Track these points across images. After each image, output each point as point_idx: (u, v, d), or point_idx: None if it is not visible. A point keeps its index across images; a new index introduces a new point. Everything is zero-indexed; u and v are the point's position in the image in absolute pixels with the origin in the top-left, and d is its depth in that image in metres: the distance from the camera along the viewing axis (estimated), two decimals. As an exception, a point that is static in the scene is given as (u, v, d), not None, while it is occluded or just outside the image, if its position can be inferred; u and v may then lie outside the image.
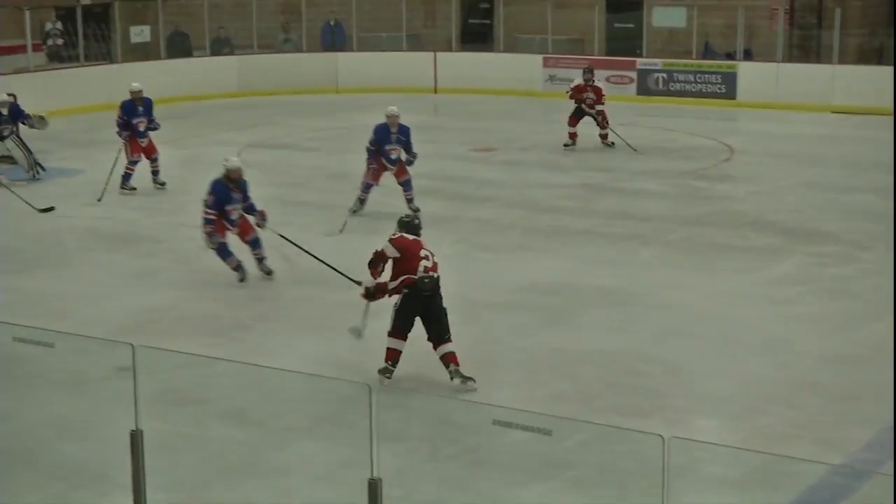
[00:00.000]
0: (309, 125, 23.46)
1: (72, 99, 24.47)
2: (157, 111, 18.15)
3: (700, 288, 13.08)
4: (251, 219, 13.50)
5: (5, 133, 18.60)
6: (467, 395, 10.02)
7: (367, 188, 16.28)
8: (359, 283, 10.76)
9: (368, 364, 10.45)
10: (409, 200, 16.20)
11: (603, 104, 20.71)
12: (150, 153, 17.89)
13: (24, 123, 18.82)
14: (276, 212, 16.39)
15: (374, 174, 16.20)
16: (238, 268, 13.41)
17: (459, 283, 11.78)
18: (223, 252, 13.39)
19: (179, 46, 28.13)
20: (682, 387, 10.35)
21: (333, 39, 28.74)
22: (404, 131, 16.16)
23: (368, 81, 27.38)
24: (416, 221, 10.80)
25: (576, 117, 20.77)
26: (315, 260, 12.94)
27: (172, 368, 9.78)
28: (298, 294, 13.03)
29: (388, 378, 10.30)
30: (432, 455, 9.02)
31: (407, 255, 10.37)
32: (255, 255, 13.54)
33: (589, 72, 21.03)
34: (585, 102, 20.70)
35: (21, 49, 25.60)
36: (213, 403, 9.79)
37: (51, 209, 16.37)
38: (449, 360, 10.26)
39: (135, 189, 17.64)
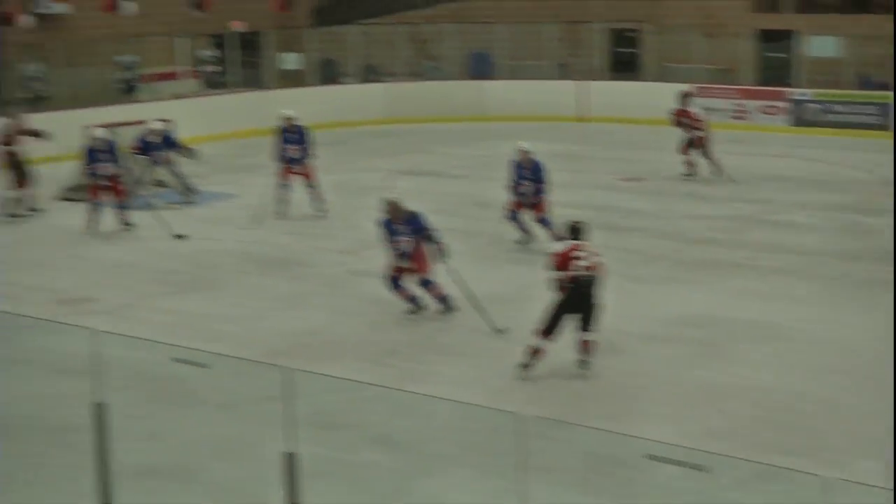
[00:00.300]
0: (455, 152, 23.55)
1: (225, 124, 24.95)
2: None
3: (856, 324, 12.77)
4: (429, 250, 13.06)
5: (158, 160, 19.01)
6: (618, 427, 9.90)
7: (511, 217, 16.21)
8: (500, 331, 10.95)
9: (517, 393, 10.40)
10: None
11: (700, 130, 20.53)
12: (307, 179, 18.09)
13: (175, 152, 19.21)
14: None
15: (514, 205, 16.12)
16: (411, 300, 13.25)
17: (608, 314, 11.68)
18: (394, 286, 13.28)
19: (329, 73, 28.52)
20: (839, 426, 10.09)
21: (480, 68, 28.85)
22: (535, 169, 16.01)
23: (514, 109, 27.42)
24: (582, 225, 11.45)
25: (686, 144, 20.72)
26: (466, 290, 12.92)
27: (323, 392, 9.84)
28: (448, 320, 13.02)
29: (526, 371, 10.91)
30: (583, 488, 8.92)
31: (562, 260, 11.09)
32: (429, 294, 13.20)
33: (686, 96, 21.05)
34: (684, 127, 20.71)
35: (177, 76, 26.24)
36: (363, 428, 9.82)
37: (184, 237, 16.59)
38: (584, 346, 11.08)
39: (286, 214, 17.87)
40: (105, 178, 17.17)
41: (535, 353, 11.01)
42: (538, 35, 28.85)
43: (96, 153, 17.29)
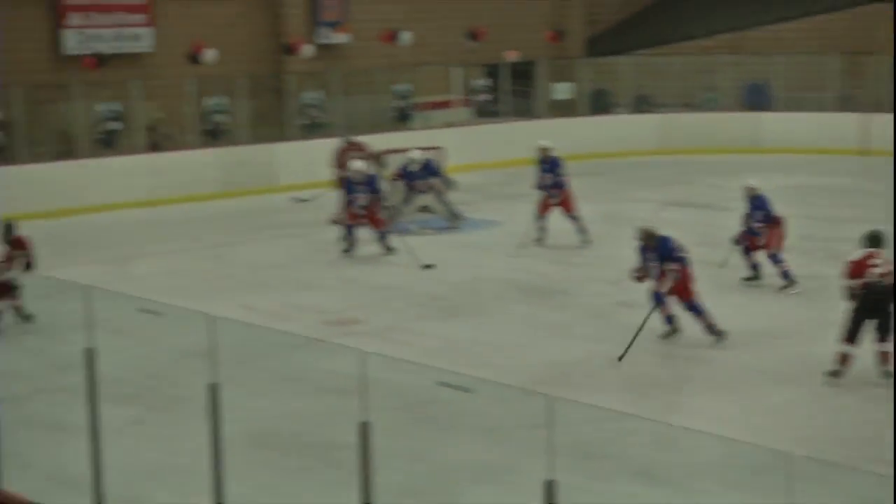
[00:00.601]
0: (726, 185, 23.02)
1: (494, 153, 25.18)
2: (577, 167, 18.39)
3: None
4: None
5: (421, 188, 19.31)
6: None
7: (745, 252, 15.86)
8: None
9: (782, 431, 10.08)
10: None
11: None
12: (565, 209, 18.08)
13: (435, 180, 19.46)
14: (695, 271, 16.29)
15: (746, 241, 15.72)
16: (668, 320, 13.16)
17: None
18: (657, 301, 13.11)
19: (601, 104, 28.47)
20: None
21: (756, 99, 28.28)
22: (760, 204, 15.62)
23: (791, 142, 26.74)
24: (881, 234, 11.81)
25: None
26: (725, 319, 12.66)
27: (584, 422, 9.75)
28: (714, 354, 12.76)
29: (836, 378, 11.28)
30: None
31: (857, 267, 11.49)
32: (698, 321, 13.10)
33: None
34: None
35: (450, 104, 26.67)
36: (622, 460, 9.68)
37: (431, 266, 16.72)
38: (883, 357, 11.32)
39: (543, 242, 17.81)
40: (362, 209, 17.55)
41: (844, 359, 11.35)
42: (819, 66, 28.09)
43: (354, 185, 17.68)
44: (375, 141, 22.33)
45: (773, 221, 15.57)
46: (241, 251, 17.98)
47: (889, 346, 11.31)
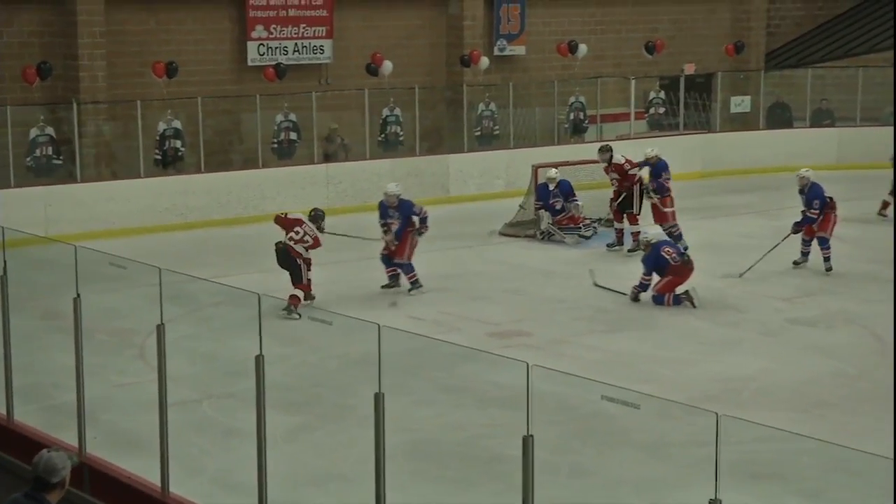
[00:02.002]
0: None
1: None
2: (754, 181, 18.18)
3: None
4: None
5: (557, 206, 19.26)
6: None
7: None
8: None
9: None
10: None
11: None
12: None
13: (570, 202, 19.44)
14: (868, 289, 15.93)
15: None
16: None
17: None
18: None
19: (779, 117, 27.95)
20: None
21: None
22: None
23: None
24: None
25: None
26: None
27: (752, 441, 9.58)
28: (888, 374, 12.41)
29: None
30: None
31: None
32: None
33: None
34: None
35: (625, 117, 26.48)
36: (790, 481, 9.50)
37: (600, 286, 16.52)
38: None
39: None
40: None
41: None
42: None
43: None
44: (550, 153, 22.33)
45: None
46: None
47: None
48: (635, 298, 15.46)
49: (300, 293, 15.02)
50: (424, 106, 24.15)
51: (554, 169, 19.51)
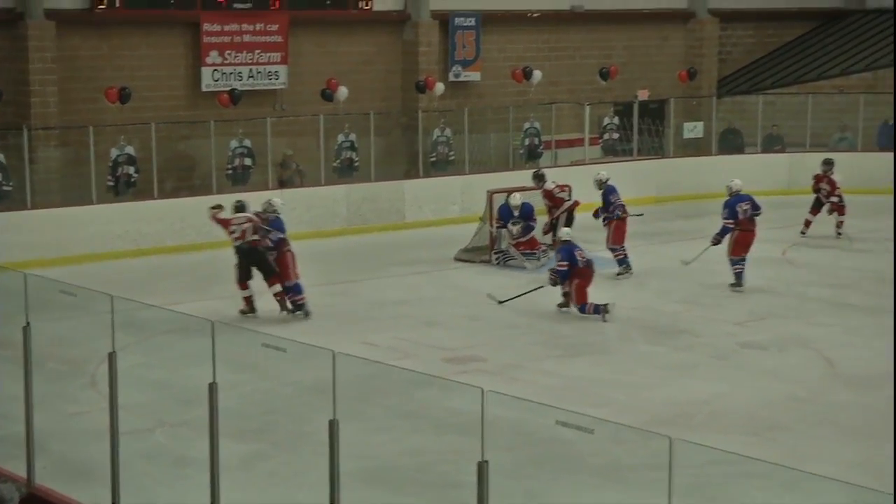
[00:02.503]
0: (861, 226, 22.60)
1: (622, 191, 24.95)
2: (706, 206, 18.36)
3: None
4: None
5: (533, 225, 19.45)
6: None
7: None
8: None
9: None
10: None
11: (837, 196, 21.58)
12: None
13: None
14: (819, 313, 16.07)
15: None
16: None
17: None
18: None
19: (731, 143, 28.18)
20: None
21: (889, 139, 27.70)
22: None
23: (927, 183, 26.10)
24: None
25: (815, 208, 21.91)
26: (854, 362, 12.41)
27: (705, 464, 9.62)
28: (841, 397, 12.54)
29: None
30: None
31: None
32: None
33: (827, 163, 22.10)
34: (822, 193, 21.72)
35: (580, 142, 26.61)
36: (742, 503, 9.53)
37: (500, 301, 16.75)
38: None
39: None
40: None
41: None
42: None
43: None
44: (505, 179, 22.39)
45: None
46: (366, 287, 18.12)
47: None
48: (555, 283, 16.03)
49: (279, 287, 15.53)
50: (380, 132, 24.17)
51: (518, 194, 19.62)
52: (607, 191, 18.89)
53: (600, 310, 15.73)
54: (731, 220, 17.75)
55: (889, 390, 12.67)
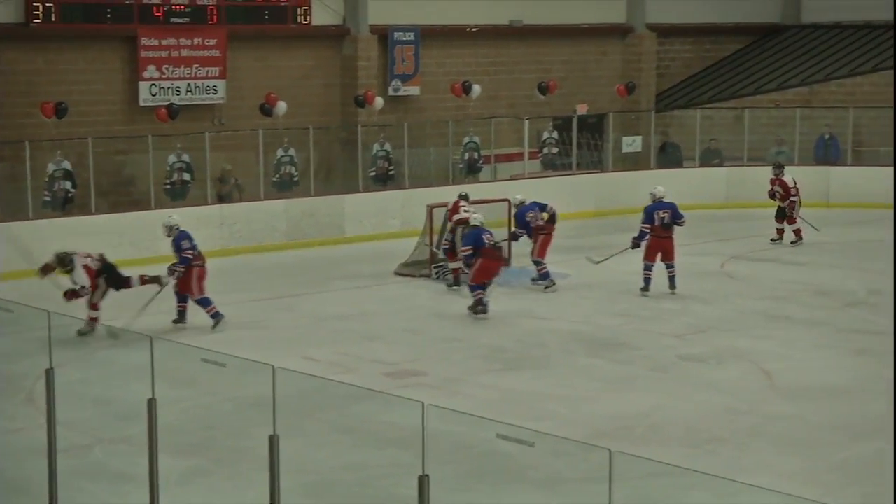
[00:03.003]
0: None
1: (562, 205, 25.06)
2: (638, 221, 18.53)
3: None
4: None
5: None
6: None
7: None
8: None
9: (850, 489, 9.93)
10: None
11: (794, 197, 22.00)
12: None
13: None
14: (758, 325, 16.22)
15: None
16: None
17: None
18: None
19: (670, 157, 28.39)
20: None
21: (827, 153, 28.04)
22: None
23: (861, 197, 26.44)
24: None
25: (778, 217, 22.27)
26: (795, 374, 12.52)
27: (645, 476, 9.66)
28: (779, 409, 12.65)
29: None
30: None
31: None
32: None
33: (777, 167, 22.69)
34: (776, 197, 22.17)
35: (519, 157, 26.72)
36: (684, 516, 9.57)
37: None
38: None
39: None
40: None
41: None
42: (890, 120, 27.76)
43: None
44: (446, 193, 22.40)
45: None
46: (307, 302, 18.07)
47: None
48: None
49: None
50: (319, 146, 24.14)
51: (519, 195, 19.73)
52: (521, 211, 19.06)
53: (481, 299, 16.52)
54: (647, 225, 18.29)
55: (826, 401, 12.84)
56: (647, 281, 18.05)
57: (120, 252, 20.64)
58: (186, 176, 22.84)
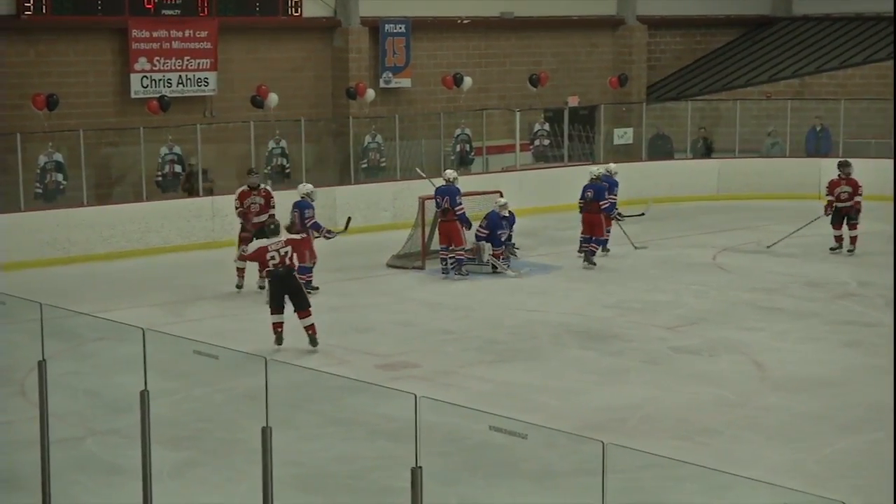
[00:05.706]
0: (787, 230, 22.88)
1: (554, 197, 25.12)
2: (634, 212, 18.51)
3: None
4: None
5: (502, 238, 19.26)
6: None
7: None
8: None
9: (839, 481, 9.96)
10: None
11: (859, 196, 20.70)
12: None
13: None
14: (749, 317, 16.23)
15: None
16: None
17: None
18: None
19: (661, 149, 28.41)
20: None
21: (818, 145, 28.07)
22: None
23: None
24: None
25: (836, 222, 20.81)
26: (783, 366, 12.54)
27: (637, 468, 9.68)
28: (770, 401, 12.67)
29: None
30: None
31: None
32: None
33: (845, 165, 21.07)
34: (839, 198, 20.77)
35: (511, 149, 26.71)
36: (676, 508, 9.61)
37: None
38: None
39: None
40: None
41: None
42: (882, 112, 27.82)
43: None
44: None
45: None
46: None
47: None
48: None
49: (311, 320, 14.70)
50: (310, 138, 24.12)
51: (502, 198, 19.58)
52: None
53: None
54: (581, 201, 19.96)
55: (816, 393, 12.87)
56: (588, 254, 19.51)
57: (111, 244, 20.71)
58: (178, 168, 22.81)
